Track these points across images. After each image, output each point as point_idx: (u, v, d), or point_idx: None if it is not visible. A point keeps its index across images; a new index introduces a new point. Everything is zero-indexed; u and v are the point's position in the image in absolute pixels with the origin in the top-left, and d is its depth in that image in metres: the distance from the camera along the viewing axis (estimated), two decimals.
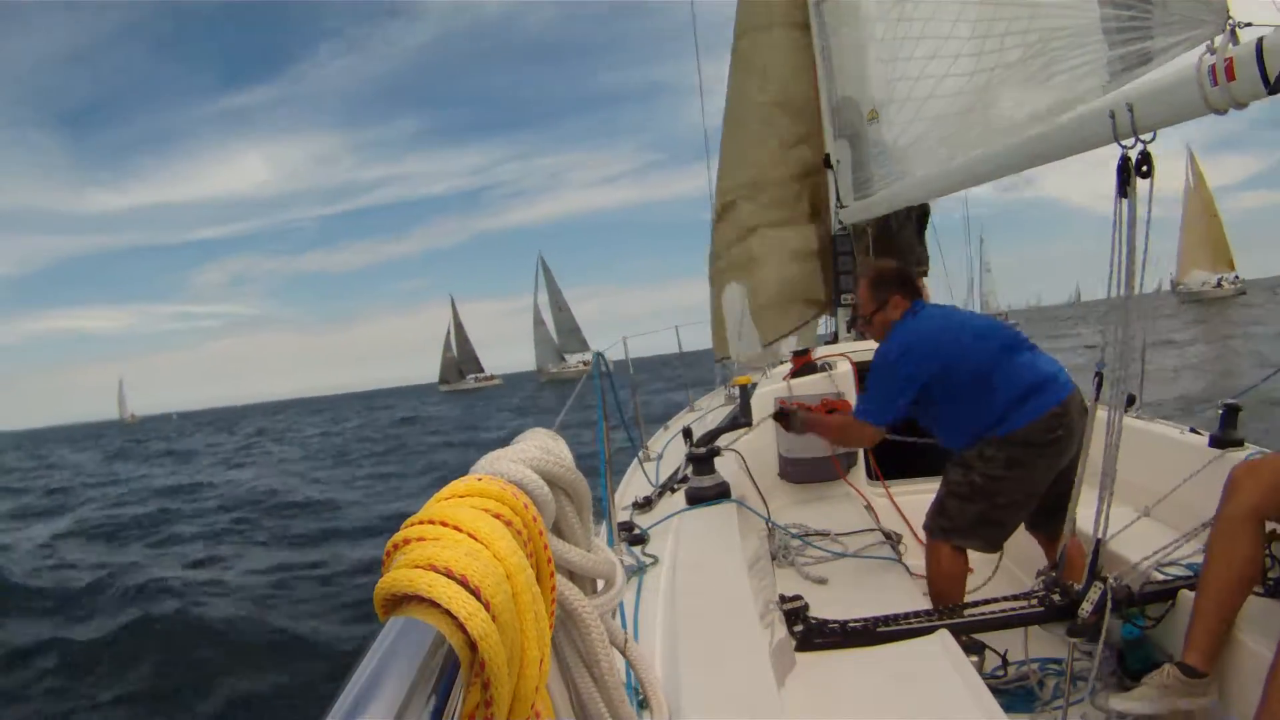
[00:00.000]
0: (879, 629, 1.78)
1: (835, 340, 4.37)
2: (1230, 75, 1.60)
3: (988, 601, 1.96)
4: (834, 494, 3.13)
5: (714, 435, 2.98)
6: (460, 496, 0.54)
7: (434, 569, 0.45)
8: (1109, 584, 1.79)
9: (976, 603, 2.00)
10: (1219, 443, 2.45)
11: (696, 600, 1.73)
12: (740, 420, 3.26)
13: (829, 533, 2.62)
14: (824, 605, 1.89)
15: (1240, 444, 2.43)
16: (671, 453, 3.45)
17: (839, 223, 4.32)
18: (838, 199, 4.29)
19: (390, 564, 0.47)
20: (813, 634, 1.77)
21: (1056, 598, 1.89)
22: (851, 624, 1.79)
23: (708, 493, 2.50)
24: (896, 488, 3.20)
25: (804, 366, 3.39)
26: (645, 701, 0.75)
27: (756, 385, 3.45)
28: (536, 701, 0.51)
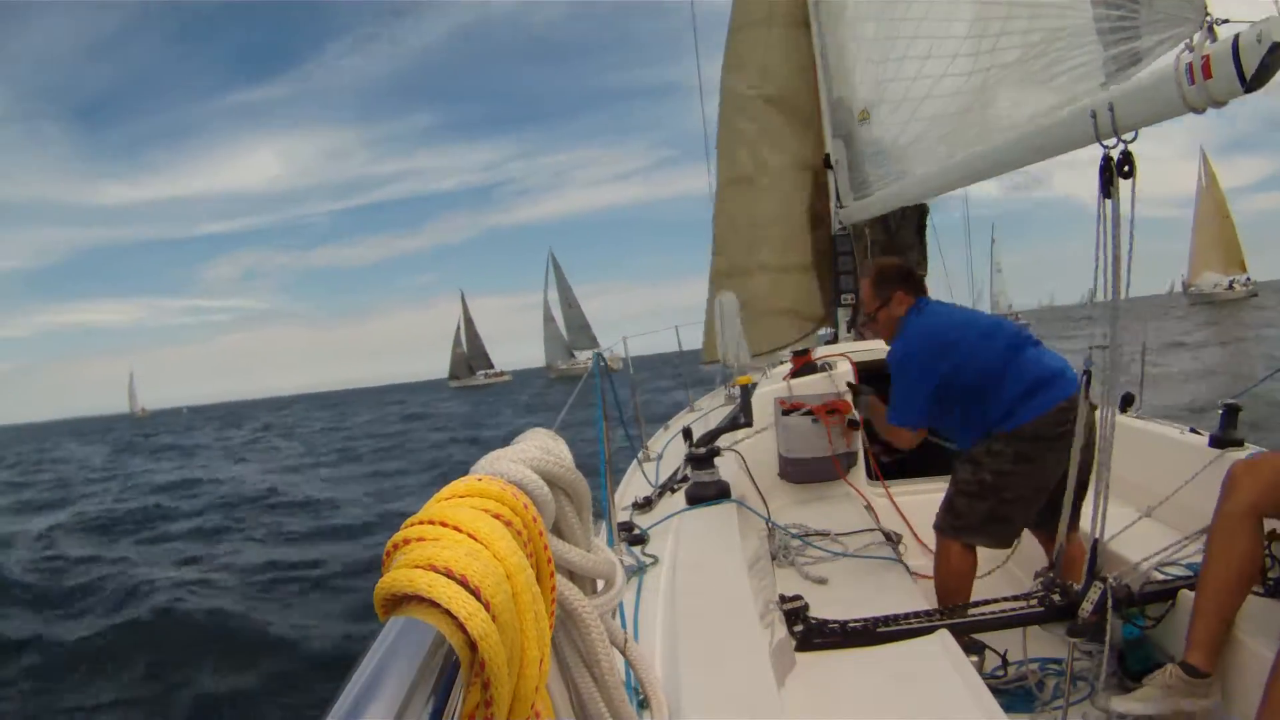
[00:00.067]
0: (879, 629, 1.78)
1: (835, 340, 4.37)
2: (1207, 73, 1.58)
3: (988, 602, 1.96)
4: (834, 494, 3.13)
5: (714, 435, 2.98)
6: (460, 496, 0.54)
7: (434, 569, 0.45)
8: (1109, 584, 1.79)
9: (977, 603, 2.00)
10: (1219, 443, 2.45)
11: (696, 600, 1.73)
12: (740, 420, 3.26)
13: (829, 533, 2.62)
14: (824, 605, 1.89)
15: (1240, 444, 2.43)
16: (671, 453, 3.45)
17: (839, 223, 4.32)
18: (837, 199, 4.29)
19: (390, 564, 0.47)
20: (813, 634, 1.77)
21: (1056, 598, 1.89)
22: (851, 624, 1.79)
23: (708, 492, 2.50)
24: (896, 488, 3.20)
25: (804, 366, 3.39)
26: (645, 701, 0.75)
27: (756, 385, 3.45)
28: (536, 701, 0.51)
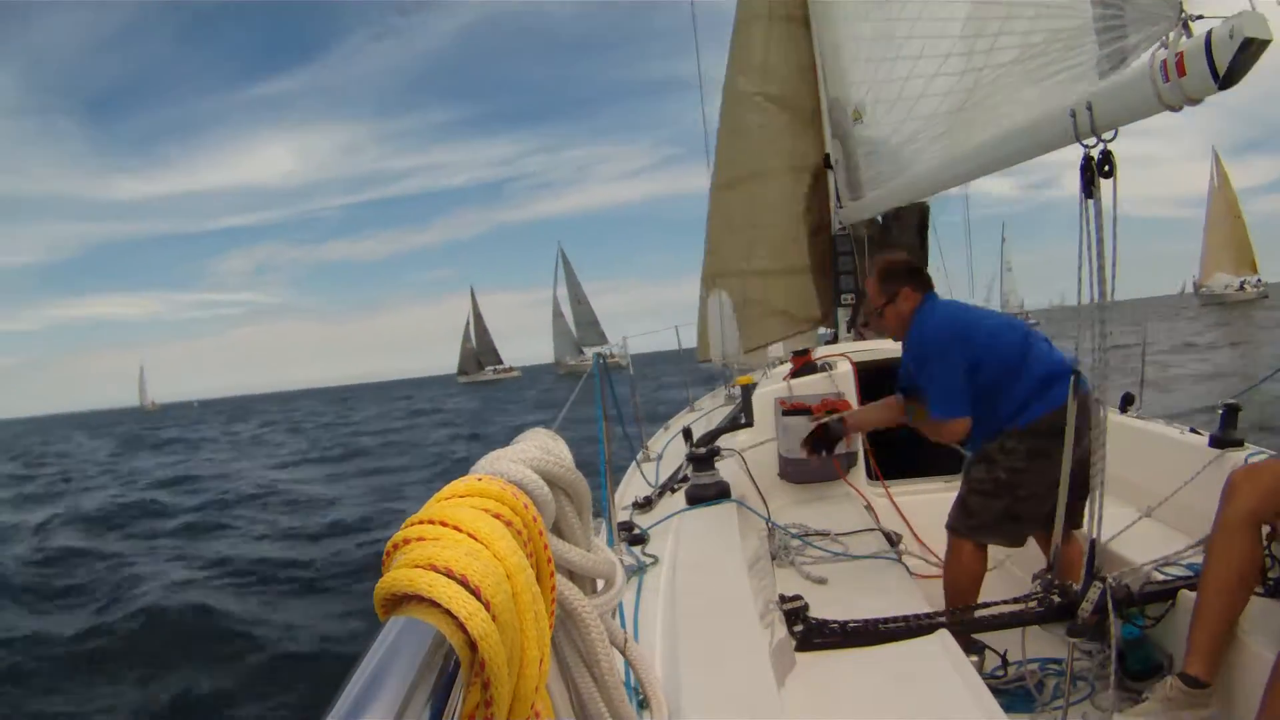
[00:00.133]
0: (879, 629, 1.78)
1: (835, 340, 4.37)
2: (1181, 70, 1.56)
3: (989, 605, 1.96)
4: (834, 494, 3.13)
5: (714, 435, 2.98)
6: (460, 496, 0.54)
7: (434, 569, 0.45)
8: (1108, 584, 1.79)
9: (978, 604, 2.00)
10: (1219, 443, 2.45)
11: (696, 600, 1.73)
12: (741, 420, 3.26)
13: (829, 533, 2.62)
14: (824, 605, 1.89)
15: (1240, 444, 2.43)
16: (671, 453, 3.45)
17: (838, 223, 4.32)
18: (837, 199, 4.29)
19: (390, 564, 0.47)
20: (813, 634, 1.77)
21: (1056, 598, 1.89)
22: (851, 624, 1.79)
23: (708, 493, 2.50)
24: (896, 488, 3.20)
25: (804, 366, 3.39)
26: (645, 701, 0.75)
27: (757, 385, 3.45)
28: (536, 701, 0.51)
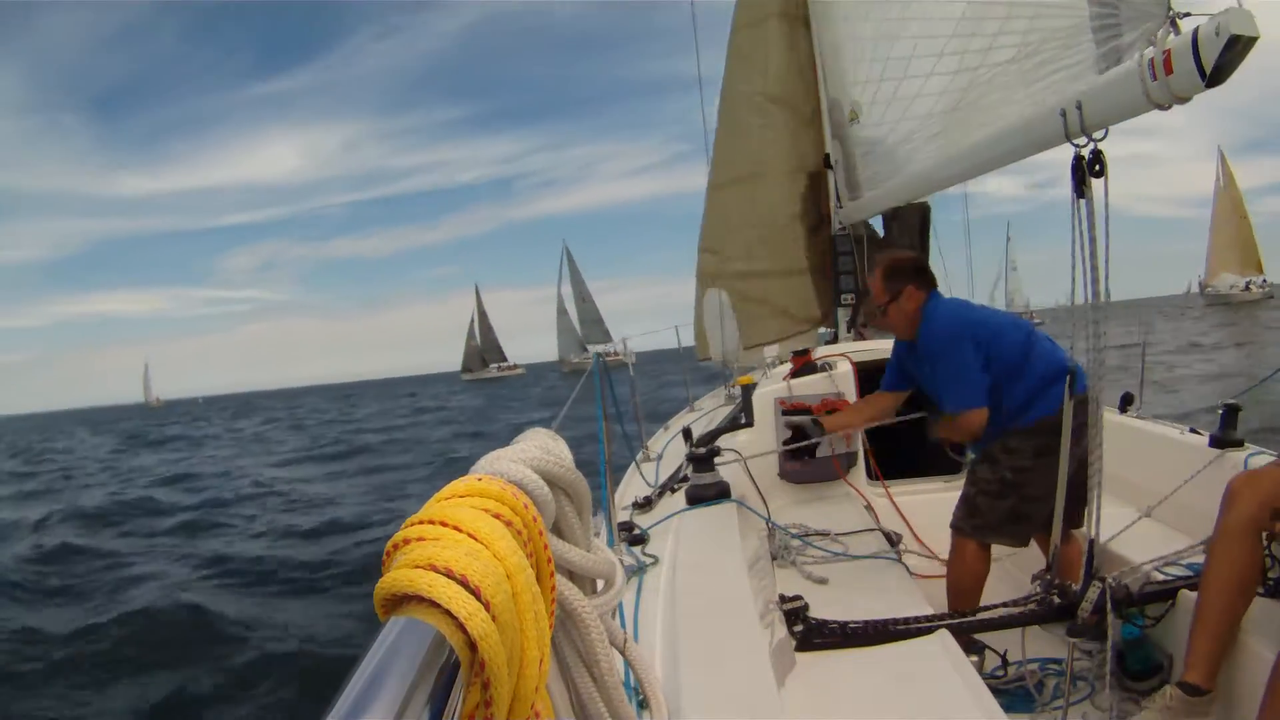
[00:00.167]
0: (879, 629, 1.78)
1: (835, 340, 4.37)
2: (1168, 68, 1.54)
3: (989, 608, 1.96)
4: (834, 494, 3.13)
5: (714, 435, 2.98)
6: (460, 496, 0.54)
7: (434, 569, 0.45)
8: (1108, 584, 1.79)
9: (978, 608, 2.00)
10: (1219, 443, 2.45)
11: (696, 600, 1.73)
12: (741, 420, 3.26)
13: (829, 533, 2.62)
14: (824, 605, 1.89)
15: (1240, 444, 2.43)
16: (671, 453, 3.45)
17: (838, 223, 4.32)
18: (837, 199, 4.29)
19: (390, 564, 0.47)
20: (813, 634, 1.77)
21: (1056, 598, 1.89)
22: (851, 624, 1.79)
23: (708, 493, 2.50)
24: (896, 488, 3.20)
25: (804, 366, 3.39)
26: (645, 701, 0.75)
27: (757, 385, 3.45)
28: (536, 701, 0.51)
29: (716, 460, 2.63)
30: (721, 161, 4.86)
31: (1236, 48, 1.44)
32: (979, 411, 2.24)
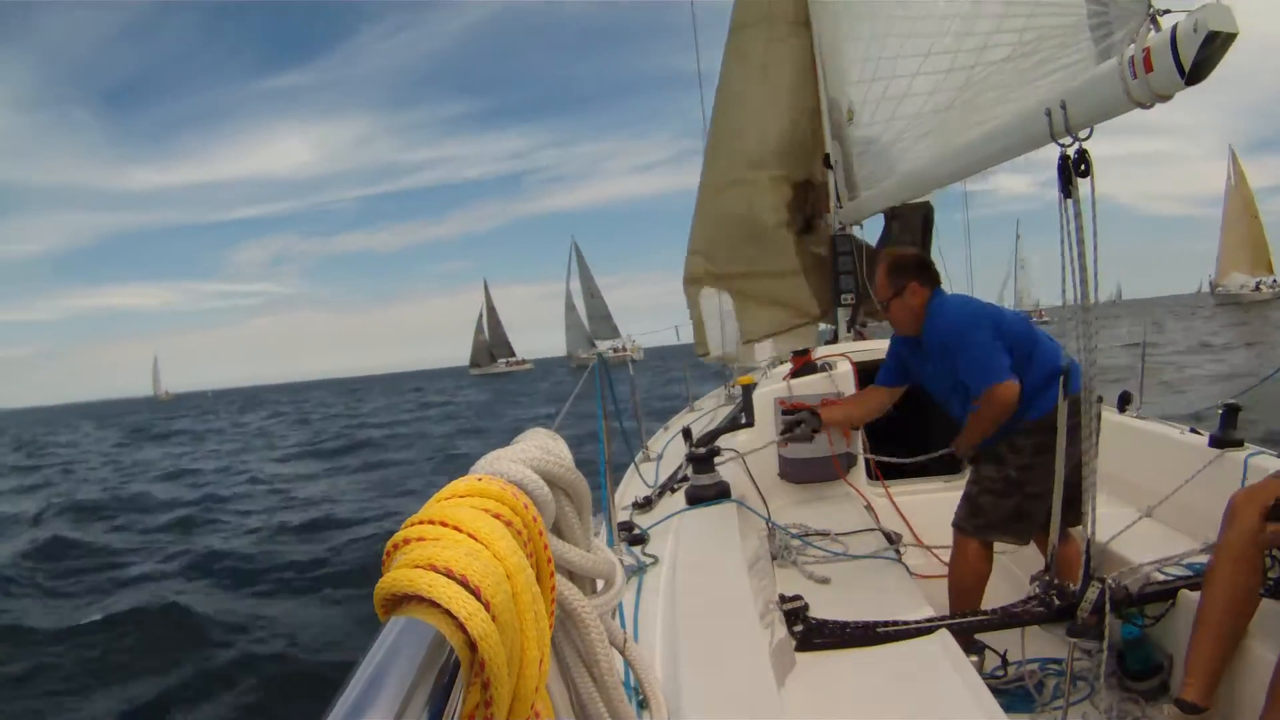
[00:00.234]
0: (879, 629, 1.78)
1: (835, 340, 4.37)
2: (1148, 66, 1.52)
3: (989, 612, 1.96)
4: (834, 494, 3.13)
5: (714, 435, 2.98)
6: (460, 496, 0.54)
7: (434, 569, 0.45)
8: (1107, 584, 1.79)
9: (977, 609, 2.00)
10: (1219, 443, 2.45)
11: (696, 600, 1.73)
12: (741, 420, 3.26)
13: (829, 533, 2.62)
14: (824, 605, 1.89)
15: (1240, 444, 2.43)
16: (671, 453, 3.45)
17: (838, 223, 4.31)
18: (837, 199, 4.29)
19: (390, 564, 0.47)
20: (813, 634, 1.77)
21: (1055, 598, 1.89)
22: (851, 624, 1.79)
23: (708, 493, 2.50)
24: (896, 488, 3.20)
25: (804, 366, 3.39)
26: (645, 701, 0.75)
27: (757, 385, 3.45)
28: (536, 701, 0.51)
29: (716, 460, 2.63)
30: (712, 164, 4.85)
31: (1215, 44, 1.42)
32: (1010, 384, 2.19)
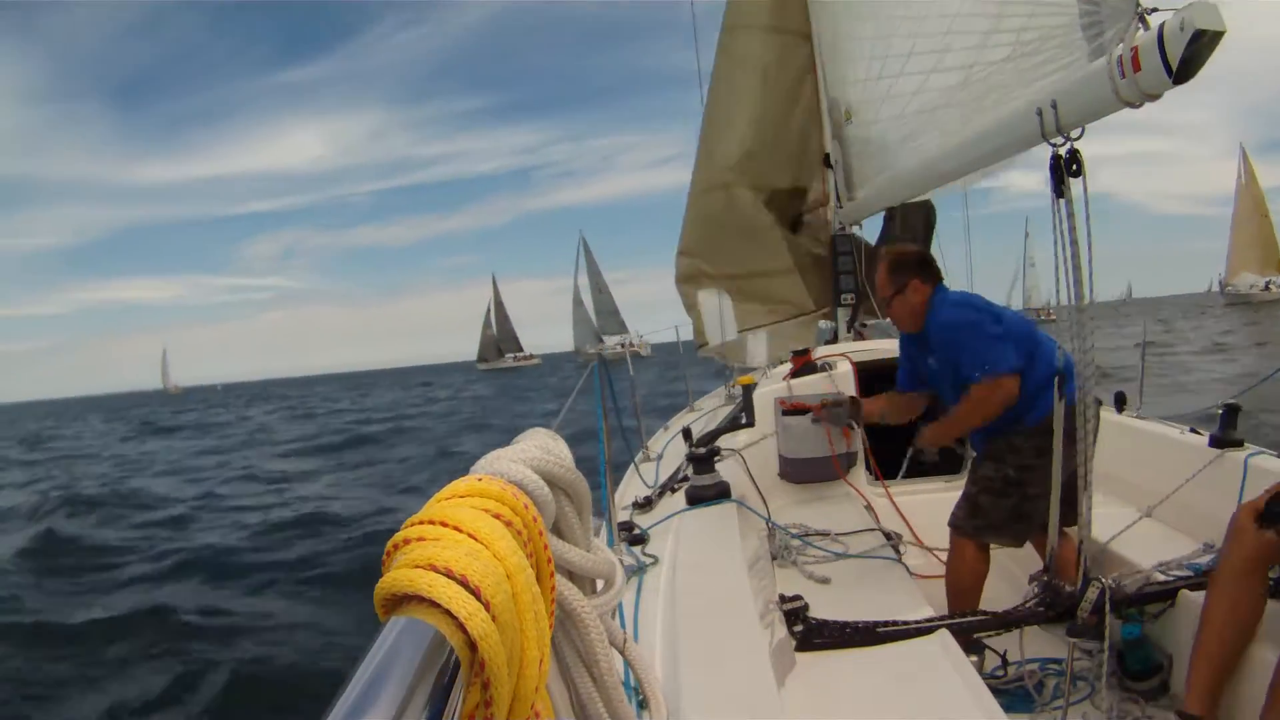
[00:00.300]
0: (879, 629, 1.78)
1: (835, 340, 4.37)
2: (1136, 65, 1.52)
3: (989, 612, 1.96)
4: (834, 494, 3.13)
5: (714, 435, 2.98)
6: (460, 496, 0.54)
7: (434, 569, 0.45)
8: (1107, 585, 1.79)
9: (977, 610, 2.00)
10: (1219, 443, 2.45)
11: (696, 600, 1.73)
12: (742, 420, 3.26)
13: (829, 533, 2.62)
14: (824, 605, 1.89)
15: (1240, 444, 2.43)
16: (671, 453, 3.45)
17: (839, 223, 4.32)
18: (837, 199, 4.29)
19: (390, 564, 0.47)
20: (813, 634, 1.77)
21: (1055, 598, 1.89)
22: (851, 624, 1.79)
23: (708, 493, 2.50)
24: (896, 488, 3.20)
25: (804, 366, 3.39)
26: (645, 701, 0.75)
27: (757, 385, 3.45)
28: (536, 701, 0.51)
29: (716, 460, 2.63)
30: (701, 165, 4.84)
31: (1202, 42, 1.41)
32: (1013, 378, 2.16)
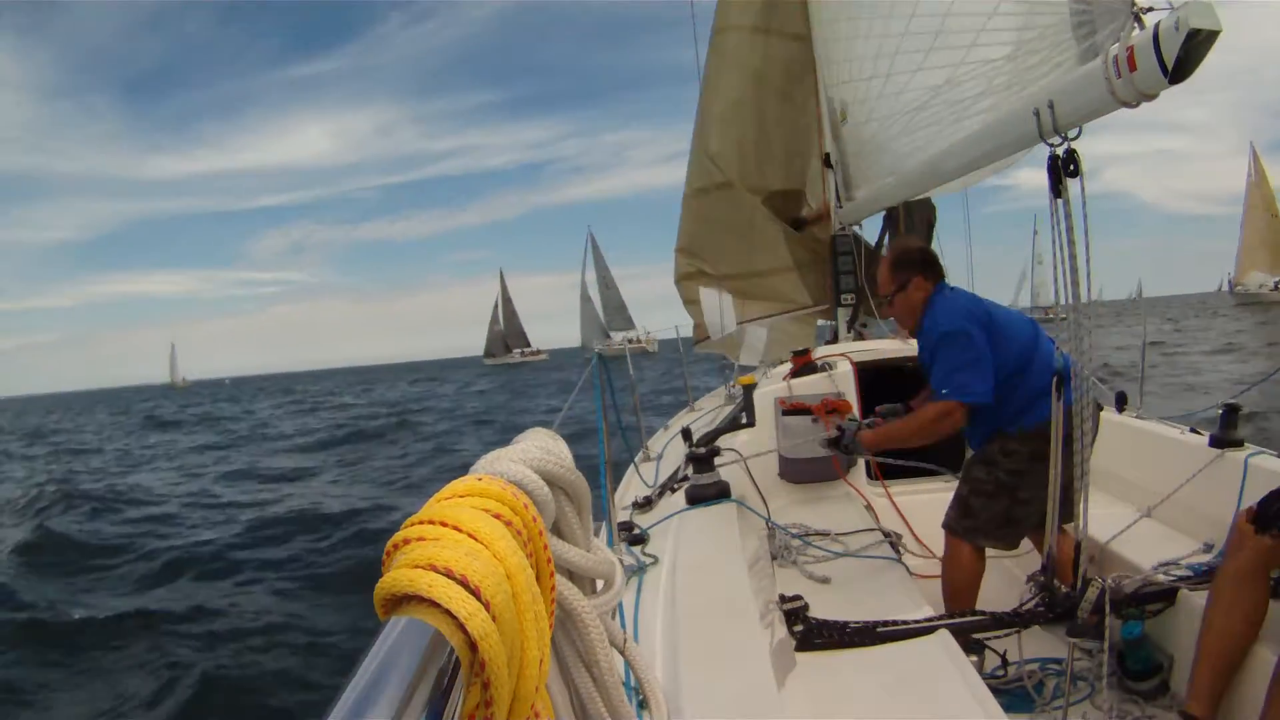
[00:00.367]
0: (879, 629, 1.78)
1: (835, 340, 4.37)
2: (1132, 65, 1.51)
3: (989, 612, 1.96)
4: (834, 494, 3.13)
5: (714, 435, 2.98)
6: (460, 496, 0.54)
7: (434, 569, 0.45)
8: (1106, 585, 1.79)
9: (977, 610, 2.00)
10: (1219, 443, 2.45)
11: (696, 600, 1.73)
12: (742, 420, 3.26)
13: (829, 533, 2.62)
14: (824, 605, 1.89)
15: (1240, 444, 2.43)
16: (671, 453, 3.45)
17: (838, 223, 4.32)
18: (837, 199, 4.29)
19: (390, 564, 0.47)
20: (813, 634, 1.77)
21: (1055, 599, 1.88)
22: (851, 624, 1.79)
23: (708, 493, 2.50)
24: (896, 488, 3.20)
25: (804, 366, 3.39)
26: (645, 701, 0.75)
27: (757, 385, 3.45)
28: (536, 701, 0.51)
29: (716, 460, 2.63)
30: (693, 165, 4.84)
31: (1197, 41, 1.41)
32: (962, 409, 2.13)
